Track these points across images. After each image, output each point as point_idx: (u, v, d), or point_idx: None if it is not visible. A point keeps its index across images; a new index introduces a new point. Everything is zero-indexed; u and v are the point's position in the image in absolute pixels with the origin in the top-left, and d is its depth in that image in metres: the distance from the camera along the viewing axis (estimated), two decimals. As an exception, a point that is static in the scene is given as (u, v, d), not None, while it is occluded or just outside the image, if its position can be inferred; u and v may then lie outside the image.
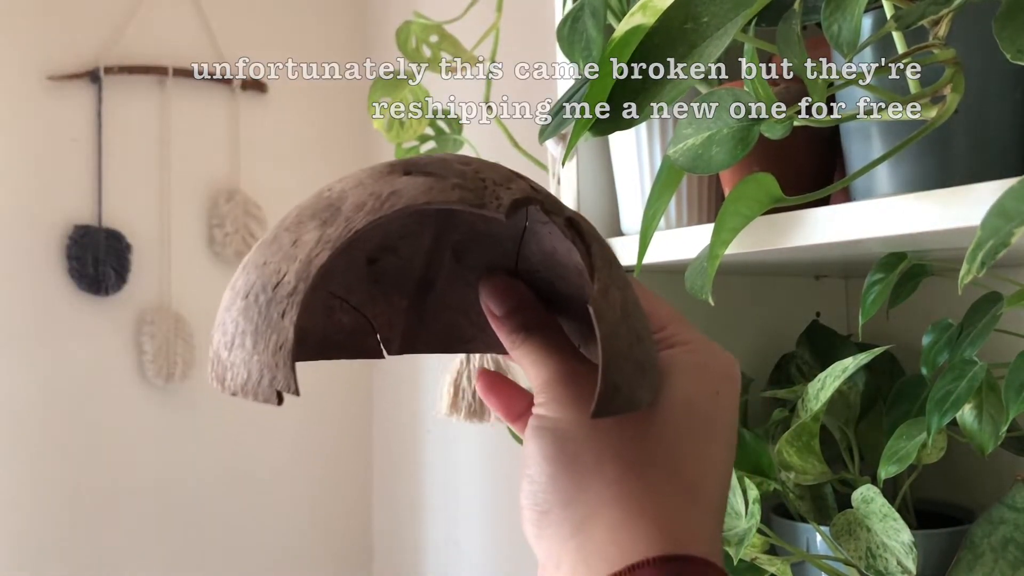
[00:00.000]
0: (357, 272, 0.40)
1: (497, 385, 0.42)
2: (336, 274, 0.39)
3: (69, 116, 1.68)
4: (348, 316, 0.40)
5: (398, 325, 0.41)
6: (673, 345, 0.37)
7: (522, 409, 0.42)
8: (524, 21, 1.26)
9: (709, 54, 0.42)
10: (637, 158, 0.75)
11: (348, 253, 0.39)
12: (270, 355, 0.29)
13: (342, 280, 0.40)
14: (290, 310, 0.29)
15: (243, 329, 0.30)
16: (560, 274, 0.39)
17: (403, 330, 0.41)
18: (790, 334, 0.85)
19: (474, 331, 0.42)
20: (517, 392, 0.42)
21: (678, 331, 0.38)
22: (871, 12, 0.54)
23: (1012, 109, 0.52)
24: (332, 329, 0.40)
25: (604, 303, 0.31)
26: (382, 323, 0.41)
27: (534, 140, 0.70)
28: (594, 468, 0.34)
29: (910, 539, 0.57)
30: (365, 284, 0.40)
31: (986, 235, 0.39)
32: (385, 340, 0.41)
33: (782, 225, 0.59)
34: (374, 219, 0.30)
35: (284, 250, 0.31)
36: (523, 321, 0.38)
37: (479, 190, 0.31)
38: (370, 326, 0.41)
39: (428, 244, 0.40)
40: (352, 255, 0.39)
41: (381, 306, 0.41)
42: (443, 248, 0.41)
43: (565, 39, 0.57)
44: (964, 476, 0.80)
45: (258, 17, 1.85)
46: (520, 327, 0.38)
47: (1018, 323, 0.71)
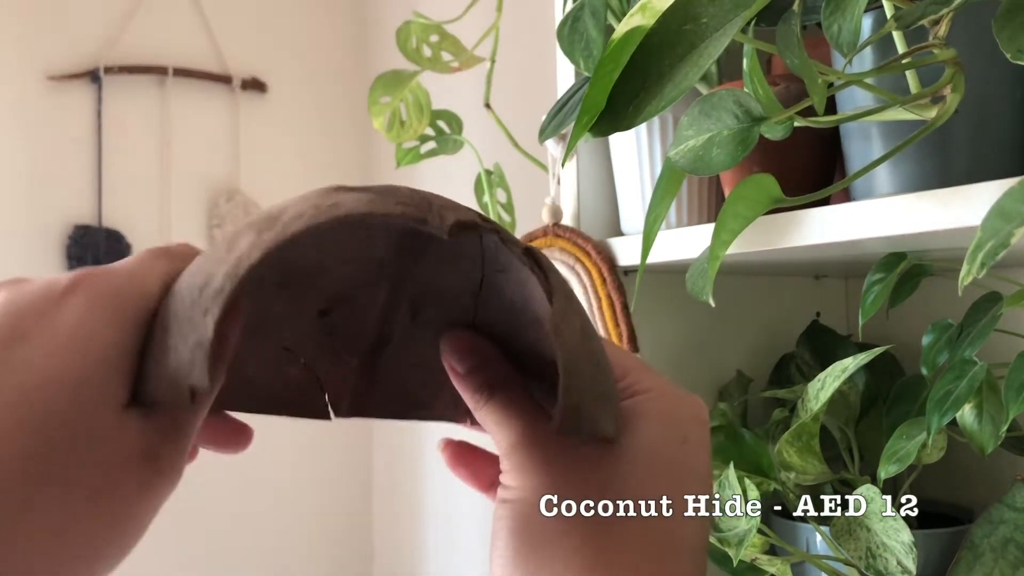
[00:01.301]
0: (308, 323, 0.39)
1: (462, 454, 0.40)
2: (286, 323, 0.38)
3: (69, 116, 1.68)
4: (297, 370, 0.39)
5: (348, 385, 0.39)
6: (636, 393, 0.35)
7: (493, 477, 0.39)
8: (524, 21, 1.26)
9: (709, 55, 0.42)
10: (637, 158, 0.75)
11: (299, 301, 0.38)
12: (189, 351, 0.28)
13: (292, 330, 0.38)
14: (213, 308, 0.28)
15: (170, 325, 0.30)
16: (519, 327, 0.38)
17: (353, 390, 0.40)
18: (790, 334, 0.85)
19: (430, 397, 0.40)
20: (485, 459, 0.40)
21: (640, 378, 0.35)
22: (871, 12, 0.54)
23: (1012, 109, 0.52)
24: (281, 384, 0.38)
25: (563, 323, 0.30)
26: (332, 381, 0.39)
27: (534, 140, 0.70)
28: (557, 539, 0.31)
29: (910, 539, 0.57)
30: (317, 337, 0.39)
31: (986, 236, 0.39)
32: (334, 400, 0.39)
33: (782, 225, 0.59)
34: (312, 224, 0.29)
35: (218, 256, 0.30)
36: (487, 379, 0.36)
37: (423, 208, 0.30)
38: (319, 384, 0.39)
39: (383, 298, 0.39)
40: (303, 304, 0.38)
41: (332, 363, 0.39)
42: (399, 304, 0.39)
43: (565, 39, 0.57)
44: (964, 476, 0.80)
45: (258, 17, 1.85)
46: (484, 385, 0.36)
47: (1018, 323, 0.71)
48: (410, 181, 1.72)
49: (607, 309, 0.74)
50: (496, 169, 1.03)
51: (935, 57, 0.46)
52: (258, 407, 0.38)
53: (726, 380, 0.83)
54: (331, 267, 0.38)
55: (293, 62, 1.87)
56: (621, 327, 0.73)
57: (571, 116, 0.59)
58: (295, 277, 0.38)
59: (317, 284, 0.38)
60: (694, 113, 0.50)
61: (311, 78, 1.89)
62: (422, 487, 1.73)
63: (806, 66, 0.44)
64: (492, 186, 1.01)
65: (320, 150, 1.89)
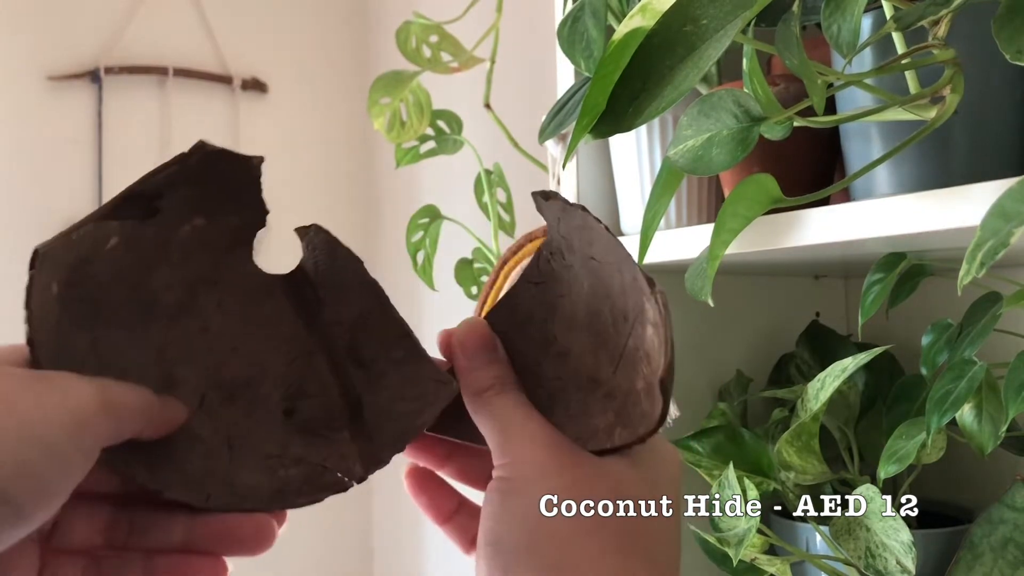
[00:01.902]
0: (279, 428, 0.39)
1: (425, 483, 0.40)
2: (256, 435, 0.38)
3: (69, 116, 1.68)
4: (295, 469, 0.38)
5: (351, 454, 0.39)
6: None
7: (451, 509, 0.40)
8: (524, 21, 1.26)
9: (709, 56, 0.42)
10: (637, 158, 0.75)
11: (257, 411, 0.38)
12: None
13: (268, 440, 0.38)
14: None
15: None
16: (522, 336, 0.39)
17: (358, 453, 0.39)
18: (790, 334, 0.85)
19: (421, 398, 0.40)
20: (447, 493, 0.40)
21: None
22: (871, 12, 0.54)
23: (1012, 109, 0.52)
24: (281, 483, 0.38)
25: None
26: (333, 461, 0.39)
27: (534, 140, 0.70)
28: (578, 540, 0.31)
29: (909, 539, 0.57)
30: (297, 437, 0.39)
31: (986, 235, 0.39)
32: (346, 471, 0.39)
33: (782, 225, 0.59)
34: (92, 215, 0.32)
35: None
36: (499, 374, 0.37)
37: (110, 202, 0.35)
38: (323, 468, 0.39)
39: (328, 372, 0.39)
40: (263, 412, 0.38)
41: (325, 449, 0.39)
42: (343, 365, 0.40)
43: (565, 39, 0.57)
44: (964, 476, 0.80)
45: (258, 17, 1.85)
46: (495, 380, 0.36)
47: (1018, 323, 0.71)
48: (410, 181, 1.72)
49: (607, 309, 0.74)
50: (496, 169, 1.03)
51: (935, 57, 0.46)
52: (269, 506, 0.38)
53: (726, 380, 0.83)
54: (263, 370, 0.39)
55: (293, 62, 1.87)
56: (621, 327, 0.73)
57: (571, 116, 0.59)
58: (236, 391, 0.38)
59: (262, 391, 0.39)
60: (693, 113, 0.50)
61: (311, 78, 1.89)
62: (422, 487, 1.73)
63: (805, 66, 0.44)
64: (492, 186, 1.01)
65: (320, 150, 1.89)
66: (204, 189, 0.37)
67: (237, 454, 0.38)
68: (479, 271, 1.05)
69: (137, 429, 0.34)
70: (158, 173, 0.35)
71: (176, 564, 0.36)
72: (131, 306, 0.36)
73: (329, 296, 0.40)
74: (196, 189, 0.37)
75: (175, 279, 0.37)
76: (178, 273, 0.37)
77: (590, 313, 0.37)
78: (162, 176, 0.35)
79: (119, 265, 0.35)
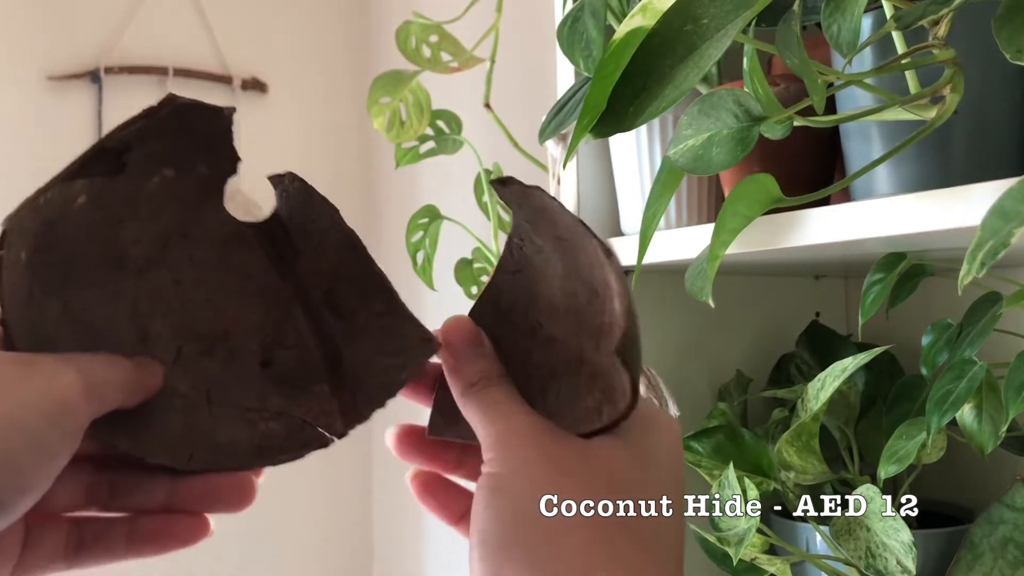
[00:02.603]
0: (257, 380, 0.39)
1: (432, 487, 0.39)
2: (235, 387, 0.38)
3: (69, 116, 1.68)
4: (275, 423, 0.38)
5: (332, 408, 0.39)
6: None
7: (462, 509, 0.39)
8: (524, 21, 1.26)
9: (709, 56, 0.42)
10: (637, 158, 0.75)
11: (234, 362, 0.38)
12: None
13: (247, 392, 0.38)
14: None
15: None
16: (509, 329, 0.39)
17: (339, 408, 0.39)
18: (790, 334, 0.85)
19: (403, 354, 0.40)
20: (456, 492, 0.39)
21: None
22: (871, 12, 0.54)
23: (1012, 109, 0.52)
24: (262, 438, 0.38)
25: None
26: (314, 414, 0.39)
27: (534, 140, 0.70)
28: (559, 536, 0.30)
29: (910, 539, 0.57)
30: (276, 389, 0.39)
31: (986, 235, 0.39)
32: (327, 426, 0.39)
33: (782, 225, 0.59)
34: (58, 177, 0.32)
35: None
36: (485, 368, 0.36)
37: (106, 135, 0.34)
38: (303, 422, 0.39)
39: (304, 323, 0.39)
40: (240, 364, 0.38)
41: (305, 402, 0.39)
42: (319, 315, 0.39)
43: (565, 39, 0.57)
44: (964, 476, 0.80)
45: (258, 17, 1.85)
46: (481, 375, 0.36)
47: (1018, 323, 0.71)
48: (410, 181, 1.72)
49: (607, 309, 0.74)
50: (496, 169, 1.03)
51: (935, 57, 0.46)
52: (251, 463, 0.38)
53: (726, 380, 0.83)
54: (237, 321, 0.38)
55: (293, 62, 1.87)
56: (621, 327, 0.73)
57: (571, 116, 0.59)
58: (212, 343, 0.38)
59: (239, 342, 0.38)
60: (694, 112, 0.50)
61: (311, 78, 1.89)
62: (422, 487, 1.73)
63: (806, 66, 0.44)
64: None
65: (320, 150, 1.89)
66: (174, 141, 0.36)
67: (217, 408, 0.37)
68: (479, 271, 1.05)
69: (120, 401, 0.34)
70: (126, 127, 0.35)
71: (159, 524, 0.37)
72: (101, 263, 0.36)
73: (305, 245, 0.39)
74: (165, 142, 0.36)
75: (145, 233, 0.37)
76: (148, 226, 0.37)
77: (566, 294, 0.36)
78: (131, 130, 0.35)
79: (87, 222, 0.35)
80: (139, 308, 0.37)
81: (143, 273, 0.37)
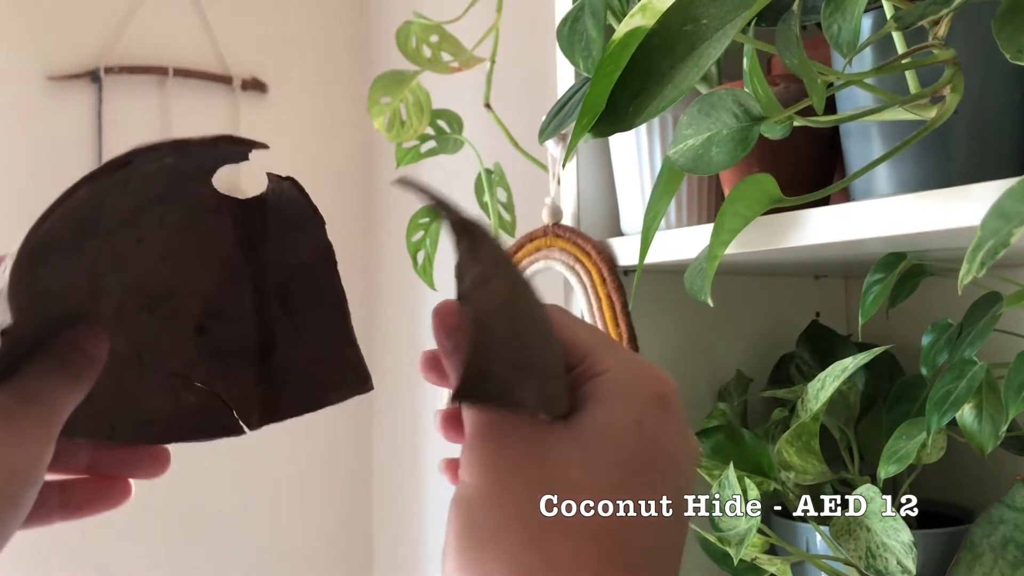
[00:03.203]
0: (189, 345, 0.39)
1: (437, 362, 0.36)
2: (167, 350, 0.38)
3: (69, 116, 1.68)
4: (195, 395, 0.39)
5: (253, 397, 0.39)
6: (594, 375, 0.31)
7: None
8: (524, 21, 1.26)
9: (709, 56, 0.42)
10: (637, 158, 0.75)
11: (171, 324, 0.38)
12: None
13: (177, 357, 0.39)
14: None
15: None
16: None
17: (260, 400, 0.39)
18: (790, 334, 0.85)
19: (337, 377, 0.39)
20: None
21: (601, 359, 0.31)
22: (871, 12, 0.54)
23: (1012, 109, 0.52)
24: (182, 410, 0.39)
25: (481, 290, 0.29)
26: (234, 396, 0.39)
27: (534, 140, 0.70)
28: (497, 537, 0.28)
29: (910, 539, 0.57)
30: (204, 359, 0.39)
31: (986, 235, 0.39)
32: (243, 414, 0.39)
33: (782, 225, 0.59)
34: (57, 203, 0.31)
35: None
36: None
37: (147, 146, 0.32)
38: (222, 402, 0.39)
39: (251, 302, 0.39)
40: (176, 326, 0.39)
41: (228, 380, 0.39)
42: (267, 302, 0.39)
43: (565, 39, 0.57)
44: (964, 476, 0.80)
45: (258, 17, 1.85)
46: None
47: (1018, 323, 0.71)
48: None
49: (607, 309, 0.74)
50: (496, 169, 1.03)
51: (935, 57, 0.46)
52: (168, 437, 0.39)
53: (726, 380, 0.83)
54: (187, 283, 0.39)
55: (293, 62, 1.87)
56: (621, 327, 0.73)
57: (571, 116, 0.59)
58: (156, 301, 0.38)
59: (182, 304, 0.39)
60: (693, 112, 0.50)
61: (311, 78, 1.89)
62: (422, 487, 1.73)
63: (805, 66, 0.44)
64: (492, 186, 1.01)
65: (320, 150, 1.89)
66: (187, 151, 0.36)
67: (147, 370, 0.38)
68: (479, 271, 1.05)
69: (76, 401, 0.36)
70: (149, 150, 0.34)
71: (87, 486, 0.39)
72: (75, 232, 0.36)
73: (278, 233, 0.39)
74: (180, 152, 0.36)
75: (126, 203, 0.37)
76: (130, 198, 0.37)
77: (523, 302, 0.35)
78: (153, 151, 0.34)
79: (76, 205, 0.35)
80: (96, 267, 0.37)
81: (111, 234, 0.37)
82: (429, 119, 1.01)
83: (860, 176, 0.53)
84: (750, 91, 0.49)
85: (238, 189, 0.41)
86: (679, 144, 0.51)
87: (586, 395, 0.31)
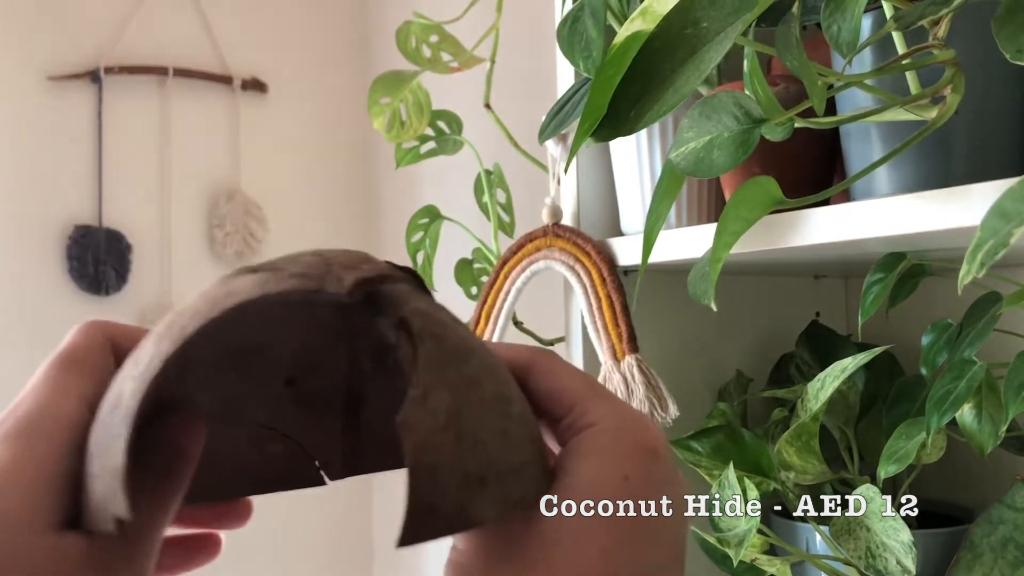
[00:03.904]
0: (278, 398, 0.39)
1: None
2: (255, 403, 0.38)
3: (69, 116, 1.68)
4: (280, 445, 0.38)
5: (336, 448, 0.39)
6: (579, 430, 0.31)
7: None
8: (524, 21, 1.26)
9: (710, 59, 0.42)
10: (637, 158, 0.75)
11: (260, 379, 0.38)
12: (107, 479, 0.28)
13: (265, 408, 0.38)
14: (123, 430, 0.28)
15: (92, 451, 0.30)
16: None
17: (343, 452, 0.39)
18: (790, 334, 0.86)
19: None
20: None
21: (585, 411, 0.31)
22: (871, 12, 0.54)
23: (1012, 109, 0.52)
24: (267, 461, 0.38)
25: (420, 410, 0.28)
26: (318, 448, 0.39)
27: (534, 140, 0.70)
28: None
29: (909, 539, 0.57)
30: (291, 409, 0.39)
31: (986, 235, 0.39)
32: (325, 464, 0.39)
33: (782, 226, 0.59)
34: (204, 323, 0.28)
35: (127, 371, 0.30)
36: None
37: (318, 275, 0.29)
38: (305, 453, 0.39)
39: (345, 357, 0.39)
40: (265, 381, 0.38)
41: (314, 431, 0.39)
42: (361, 358, 0.39)
43: (565, 40, 0.57)
44: (964, 476, 0.81)
45: (258, 17, 1.85)
46: None
47: (1018, 323, 0.71)
48: (410, 181, 1.72)
49: (607, 309, 0.75)
50: (496, 169, 1.03)
51: (935, 58, 0.46)
52: (252, 489, 0.38)
53: (726, 380, 0.83)
54: (279, 340, 0.38)
55: (293, 62, 1.87)
56: (621, 327, 0.74)
57: (571, 116, 0.59)
58: (245, 358, 0.37)
59: (272, 358, 0.38)
60: (694, 115, 0.50)
61: (311, 78, 1.89)
62: (422, 486, 1.73)
63: (805, 68, 0.44)
64: (492, 186, 1.01)
65: (320, 150, 1.89)
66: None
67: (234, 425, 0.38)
68: (479, 271, 1.05)
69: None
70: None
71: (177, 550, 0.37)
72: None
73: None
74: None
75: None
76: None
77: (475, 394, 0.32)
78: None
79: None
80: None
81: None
82: (429, 119, 1.01)
83: (860, 177, 0.53)
84: (751, 93, 0.49)
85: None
86: (680, 147, 0.51)
87: (572, 451, 0.30)
